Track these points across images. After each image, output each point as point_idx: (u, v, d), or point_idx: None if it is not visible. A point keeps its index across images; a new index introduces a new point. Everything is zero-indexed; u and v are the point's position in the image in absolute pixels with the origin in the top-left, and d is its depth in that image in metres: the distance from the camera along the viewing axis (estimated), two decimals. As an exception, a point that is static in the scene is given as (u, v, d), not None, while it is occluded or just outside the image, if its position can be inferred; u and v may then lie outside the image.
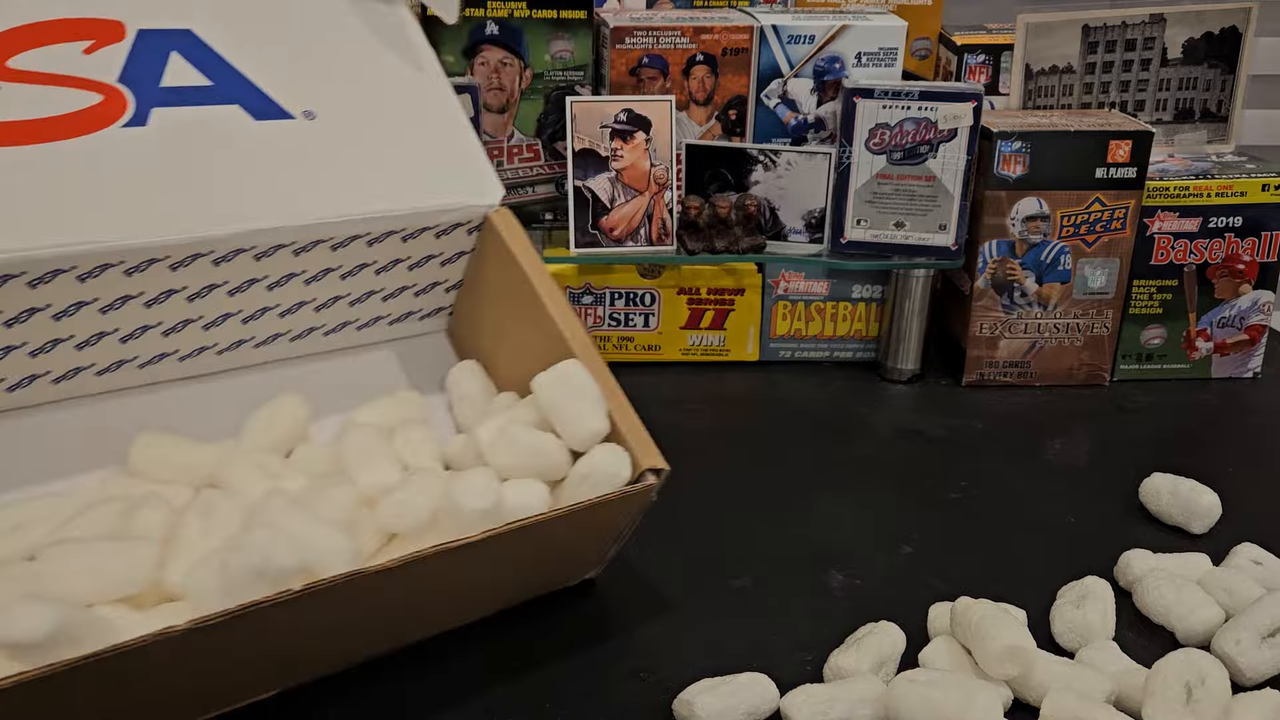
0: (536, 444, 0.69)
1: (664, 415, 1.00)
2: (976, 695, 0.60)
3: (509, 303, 0.78)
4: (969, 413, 1.02)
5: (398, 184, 0.76)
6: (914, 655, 0.68)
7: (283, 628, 0.59)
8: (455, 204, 0.77)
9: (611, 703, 0.65)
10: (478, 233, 0.80)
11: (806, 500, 0.87)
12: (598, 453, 0.68)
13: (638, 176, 1.03)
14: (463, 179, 0.78)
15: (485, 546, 0.62)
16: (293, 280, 0.75)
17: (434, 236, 0.78)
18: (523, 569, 0.70)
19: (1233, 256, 1.05)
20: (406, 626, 0.68)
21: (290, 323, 0.78)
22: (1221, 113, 1.11)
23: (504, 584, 0.71)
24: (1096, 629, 0.70)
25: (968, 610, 0.67)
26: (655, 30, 1.03)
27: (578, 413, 0.69)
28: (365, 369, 0.82)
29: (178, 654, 0.54)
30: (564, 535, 0.67)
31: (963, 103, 0.99)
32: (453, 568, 0.62)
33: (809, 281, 1.08)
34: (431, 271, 0.81)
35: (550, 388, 0.71)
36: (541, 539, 0.66)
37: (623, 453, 0.68)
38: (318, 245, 0.74)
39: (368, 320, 0.81)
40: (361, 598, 0.60)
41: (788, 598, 0.75)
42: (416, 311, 0.84)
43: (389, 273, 0.79)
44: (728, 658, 0.69)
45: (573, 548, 0.72)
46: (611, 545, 0.74)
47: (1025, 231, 1.02)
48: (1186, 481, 0.85)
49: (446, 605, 0.69)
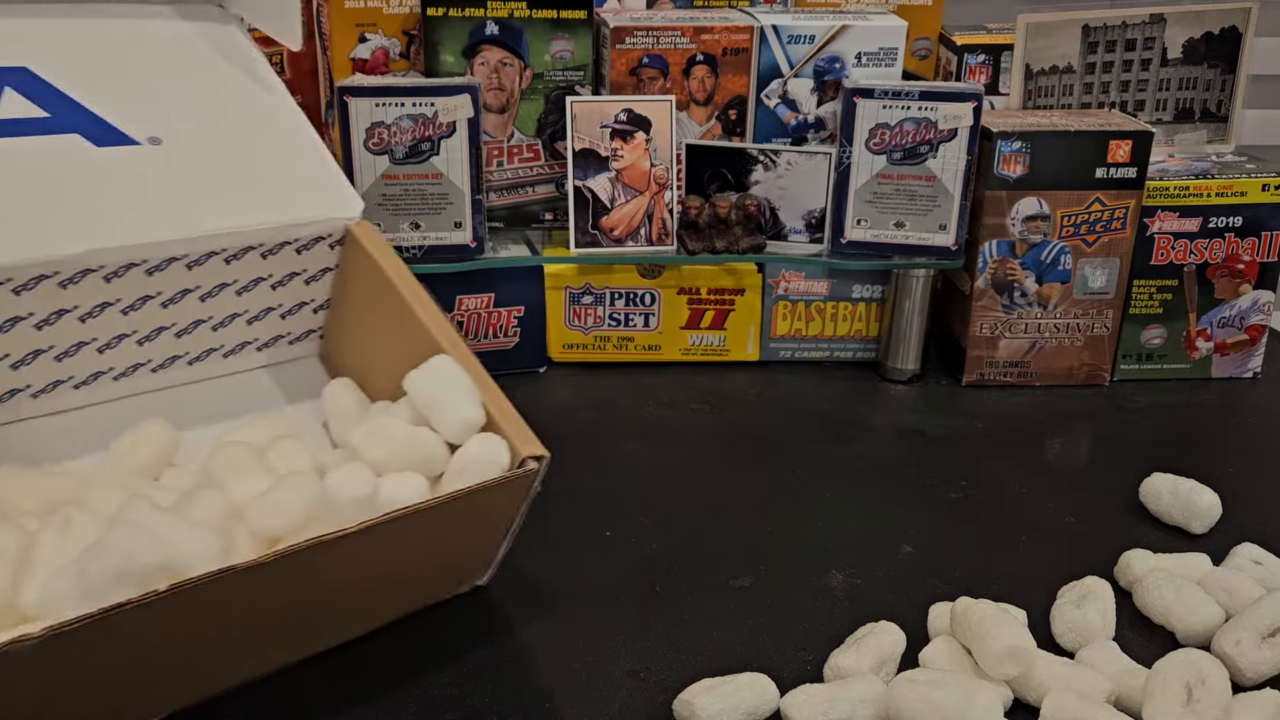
0: (411, 436, 0.67)
1: (664, 415, 1.00)
2: (977, 695, 0.60)
3: (378, 313, 0.77)
4: (969, 413, 1.02)
5: (252, 201, 0.75)
6: (914, 655, 0.68)
7: (154, 636, 0.55)
8: (313, 217, 0.76)
9: (610, 703, 0.65)
10: (340, 248, 0.79)
11: (806, 500, 0.87)
12: (474, 443, 0.67)
13: (638, 176, 1.03)
14: (319, 194, 0.78)
15: (364, 539, 0.59)
16: (149, 304, 0.73)
17: (295, 252, 0.77)
18: (407, 568, 0.67)
19: (1233, 256, 1.05)
20: (299, 635, 0.65)
21: (150, 351, 0.76)
22: (1221, 113, 1.11)
23: (388, 586, 0.68)
24: (1096, 629, 0.70)
25: (968, 610, 0.67)
26: (655, 30, 1.03)
27: (451, 404, 0.68)
28: (235, 395, 0.80)
29: (35, 669, 0.51)
30: (447, 528, 0.65)
31: (963, 103, 0.99)
32: (333, 564, 0.60)
33: (809, 281, 1.08)
34: (296, 290, 0.79)
35: (422, 383, 0.70)
36: (424, 532, 0.63)
37: (500, 441, 0.67)
38: (172, 264, 0.72)
39: (234, 347, 0.80)
40: (236, 599, 0.57)
41: (788, 598, 0.75)
42: (285, 335, 0.82)
43: (251, 293, 0.77)
44: (728, 658, 0.69)
45: (458, 542, 0.70)
46: (500, 542, 0.71)
47: (1025, 231, 1.02)
48: (1186, 481, 0.85)
49: (337, 609, 0.66)
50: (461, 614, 0.72)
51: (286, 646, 0.66)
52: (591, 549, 0.80)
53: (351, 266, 0.79)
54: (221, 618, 0.58)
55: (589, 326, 1.08)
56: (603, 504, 0.85)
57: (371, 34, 1.05)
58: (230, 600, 0.57)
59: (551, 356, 1.09)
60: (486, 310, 1.05)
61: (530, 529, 0.82)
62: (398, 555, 0.65)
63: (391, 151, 0.97)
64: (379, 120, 0.96)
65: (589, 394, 1.04)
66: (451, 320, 1.03)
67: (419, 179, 0.98)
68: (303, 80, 1.14)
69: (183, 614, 0.55)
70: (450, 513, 0.63)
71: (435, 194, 0.99)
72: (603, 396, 1.04)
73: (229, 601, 0.57)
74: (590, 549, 0.80)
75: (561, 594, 0.75)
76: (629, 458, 0.93)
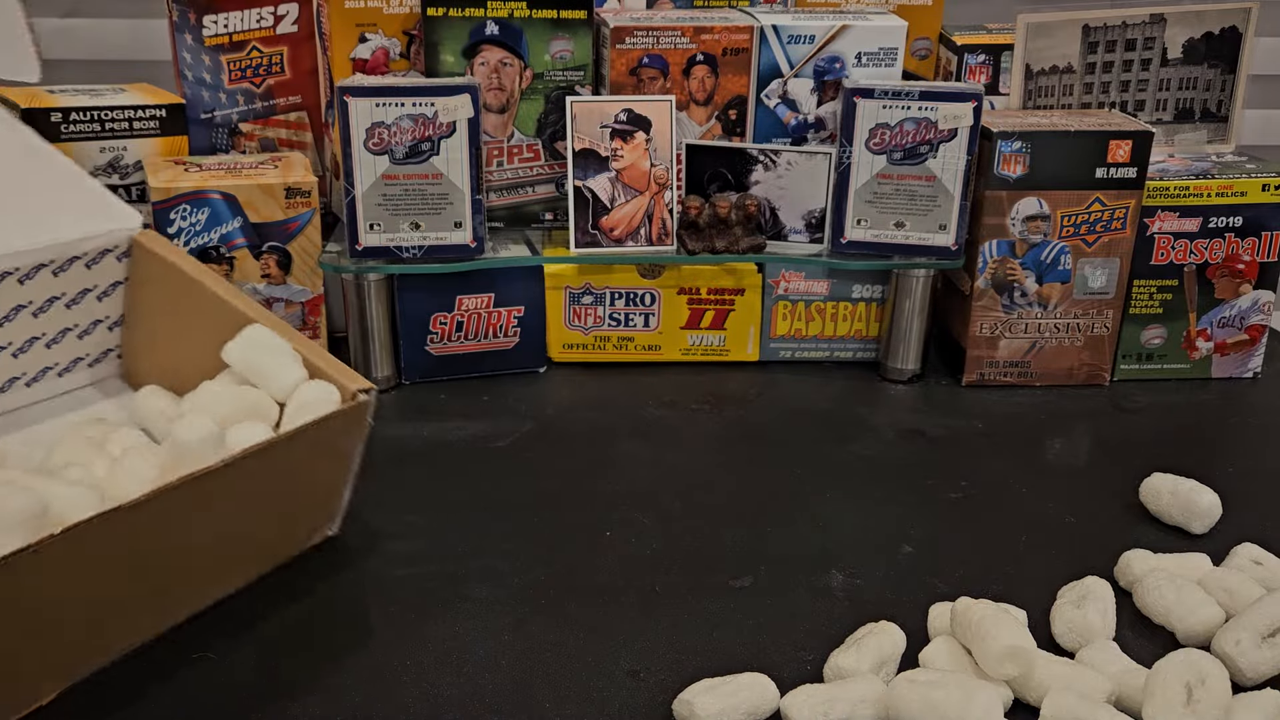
0: (240, 393, 0.71)
1: (664, 415, 1.00)
2: (976, 695, 0.60)
3: (182, 313, 0.79)
4: (969, 413, 1.02)
5: (34, 225, 0.76)
6: (914, 655, 0.68)
7: (46, 589, 0.57)
8: (96, 230, 0.78)
9: (610, 703, 0.65)
10: (128, 260, 0.81)
11: (806, 500, 0.87)
12: (305, 388, 0.71)
13: (638, 176, 1.03)
14: (96, 212, 0.80)
15: (228, 474, 0.62)
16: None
17: (85, 267, 0.78)
18: (264, 511, 0.70)
19: (1233, 256, 1.05)
20: (176, 588, 0.67)
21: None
22: (1221, 113, 1.11)
23: (249, 532, 0.70)
24: (1097, 629, 0.70)
25: (968, 610, 0.67)
26: (655, 30, 1.03)
27: (275, 368, 0.71)
28: (46, 418, 0.82)
29: None
30: (298, 464, 0.69)
31: (963, 103, 0.99)
32: (204, 500, 0.62)
33: (809, 281, 1.08)
34: (90, 308, 0.81)
35: (241, 352, 0.72)
36: (276, 470, 0.66)
37: (329, 384, 0.71)
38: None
39: (36, 374, 0.81)
40: (112, 550, 0.58)
41: (788, 598, 0.75)
42: (84, 357, 0.84)
43: (46, 314, 0.78)
44: (727, 658, 0.69)
45: (310, 478, 0.73)
46: (344, 483, 0.75)
47: (1025, 231, 1.02)
48: (1186, 481, 0.85)
49: (217, 552, 0.68)
50: (462, 613, 0.72)
51: (169, 598, 0.67)
52: (591, 549, 0.80)
53: (143, 273, 0.81)
54: (101, 573, 0.60)
55: (589, 326, 1.08)
56: (603, 504, 0.85)
57: (372, 34, 1.05)
58: (115, 549, 0.59)
59: (551, 356, 1.09)
60: (486, 310, 1.05)
61: (531, 529, 0.82)
62: (259, 493, 0.67)
63: (391, 151, 0.97)
64: (379, 120, 0.96)
65: (589, 394, 1.04)
66: (451, 320, 1.04)
67: (419, 179, 0.98)
68: (303, 80, 1.14)
69: (69, 563, 0.57)
70: (301, 446, 0.67)
71: (435, 194, 0.99)
72: (603, 396, 1.04)
73: (108, 556, 0.59)
74: (590, 549, 0.80)
75: (562, 594, 0.75)
76: (629, 458, 0.93)
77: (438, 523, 0.83)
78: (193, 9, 1.09)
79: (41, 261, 0.76)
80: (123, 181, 1.05)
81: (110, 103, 1.03)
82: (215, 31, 1.10)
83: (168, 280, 0.81)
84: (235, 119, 1.13)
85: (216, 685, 0.66)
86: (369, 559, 0.78)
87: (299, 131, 1.16)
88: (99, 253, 0.79)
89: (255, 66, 1.12)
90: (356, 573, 0.77)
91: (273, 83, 1.13)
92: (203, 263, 0.95)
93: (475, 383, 1.05)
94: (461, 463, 0.91)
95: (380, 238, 1.00)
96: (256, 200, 1.00)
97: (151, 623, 0.67)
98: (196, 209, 0.98)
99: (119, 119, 1.03)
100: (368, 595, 0.74)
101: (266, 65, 1.12)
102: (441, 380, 1.05)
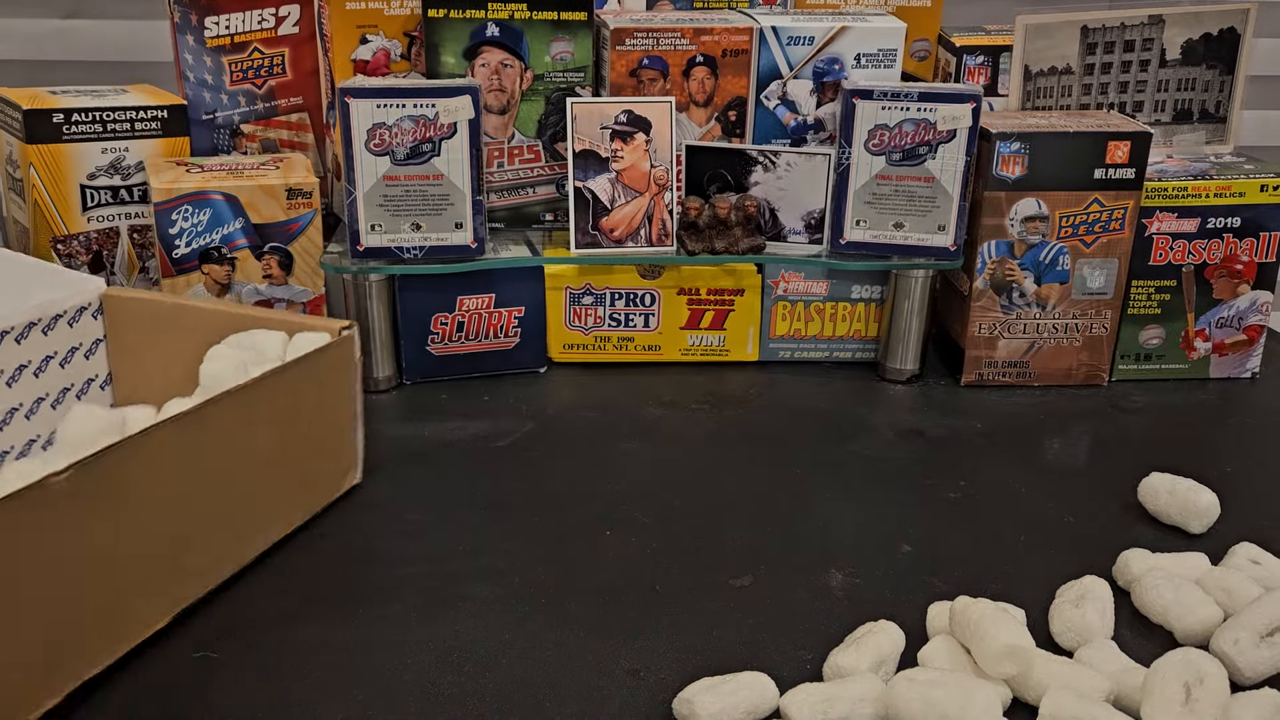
0: (247, 356, 0.77)
1: (664, 415, 1.00)
2: (975, 694, 0.60)
3: (166, 336, 0.86)
4: (968, 413, 1.02)
5: (13, 294, 0.83)
6: (913, 654, 0.69)
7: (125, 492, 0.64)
8: (66, 293, 0.85)
9: (610, 702, 0.66)
10: (102, 316, 0.87)
11: (806, 500, 0.87)
12: (297, 338, 0.80)
13: (638, 177, 1.03)
14: (62, 281, 0.86)
15: (252, 393, 0.72)
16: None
17: (68, 325, 0.85)
18: (292, 434, 0.78)
19: (1231, 257, 1.05)
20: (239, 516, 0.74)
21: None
22: (1220, 113, 1.12)
23: (285, 460, 0.78)
24: (1095, 628, 0.70)
25: (967, 609, 0.68)
26: (655, 32, 1.04)
27: (263, 340, 0.79)
28: None
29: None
30: (306, 391, 0.78)
31: (961, 104, 0.99)
32: (238, 418, 0.72)
33: (808, 282, 1.08)
34: (80, 367, 0.87)
35: (225, 348, 0.79)
36: (291, 391, 0.76)
37: (317, 332, 0.80)
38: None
39: (49, 436, 0.85)
40: (182, 456, 0.67)
41: (788, 597, 0.75)
42: None
43: (45, 373, 0.84)
44: (727, 657, 0.69)
45: (319, 409, 0.80)
46: (352, 424, 0.84)
47: (1024, 232, 1.03)
48: (1185, 481, 0.85)
49: (258, 487, 0.76)
50: (462, 612, 0.73)
51: (236, 524, 0.74)
52: (592, 548, 0.80)
53: (121, 321, 0.88)
54: (182, 477, 0.68)
55: (589, 327, 1.08)
56: (603, 503, 0.86)
57: (373, 35, 1.05)
58: (184, 454, 0.68)
59: (552, 357, 1.09)
60: (487, 310, 1.05)
61: (531, 528, 0.82)
62: (282, 413, 0.76)
63: (393, 152, 0.98)
64: (380, 121, 0.97)
65: (589, 394, 1.04)
66: (452, 321, 1.04)
67: (420, 180, 0.99)
68: (304, 82, 1.14)
69: (151, 465, 0.65)
70: (305, 373, 0.77)
71: (436, 195, 0.99)
72: (603, 396, 1.04)
73: (184, 457, 0.68)
74: (590, 548, 0.80)
75: (562, 593, 0.75)
76: (629, 457, 0.93)
77: (438, 522, 0.83)
78: (194, 10, 1.09)
79: (32, 320, 0.82)
80: (124, 182, 1.05)
81: (112, 104, 1.03)
82: (217, 33, 1.10)
83: (147, 314, 0.87)
84: (237, 120, 1.13)
85: (216, 685, 0.66)
86: (369, 558, 0.79)
87: (300, 132, 1.16)
88: (77, 310, 0.85)
89: (257, 68, 1.12)
90: (356, 572, 0.77)
91: (274, 84, 1.13)
92: (204, 263, 0.98)
93: (476, 383, 1.06)
94: (462, 462, 0.91)
95: (381, 238, 1.00)
96: (258, 201, 1.00)
97: (227, 550, 0.74)
98: (198, 210, 0.99)
99: (121, 120, 1.04)
100: (368, 594, 0.74)
101: (268, 66, 1.13)
102: (442, 380, 1.06)
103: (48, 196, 1.02)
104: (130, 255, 1.07)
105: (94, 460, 0.61)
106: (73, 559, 0.62)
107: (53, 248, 1.04)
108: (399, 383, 1.05)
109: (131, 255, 1.07)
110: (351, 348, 0.81)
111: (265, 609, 0.72)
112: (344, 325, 0.81)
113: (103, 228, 1.05)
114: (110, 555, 0.64)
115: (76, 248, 1.05)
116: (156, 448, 0.66)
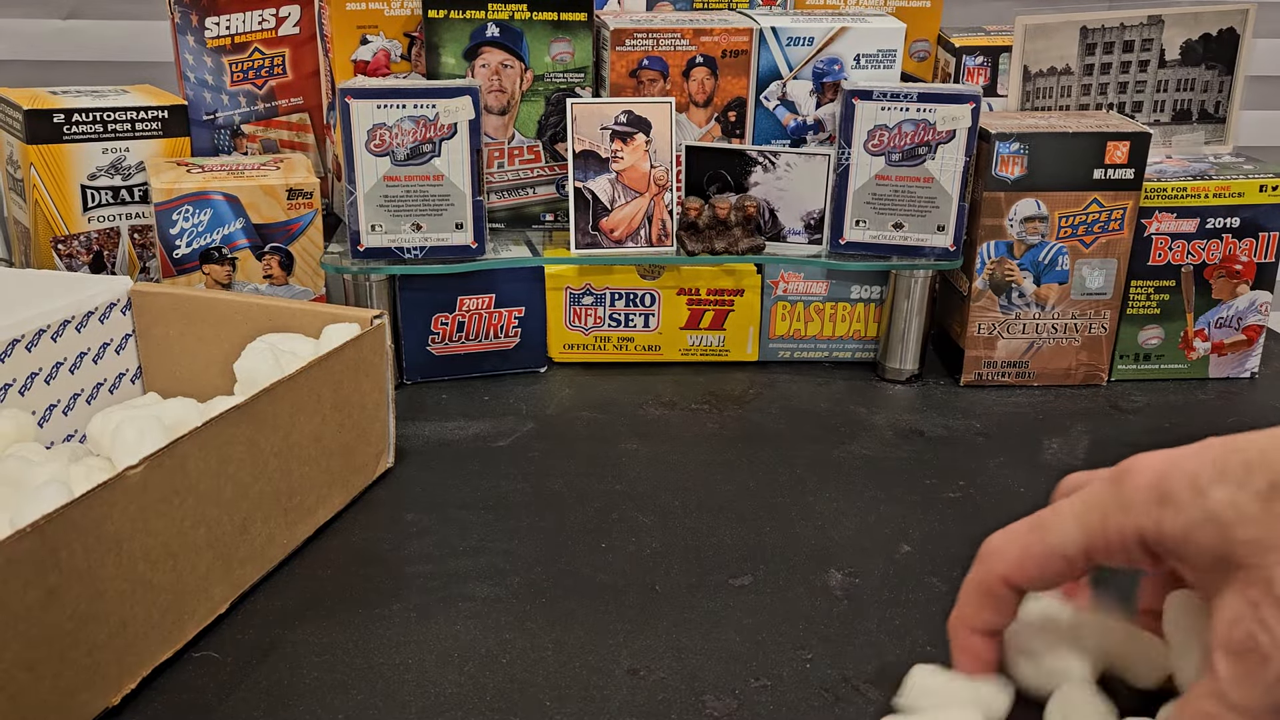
0: (283, 354, 0.80)
1: (664, 415, 1.00)
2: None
3: (196, 330, 0.89)
4: (968, 413, 1.02)
5: (45, 297, 0.85)
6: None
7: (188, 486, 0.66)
8: (97, 289, 0.87)
9: (610, 702, 0.66)
10: (130, 312, 0.89)
11: (806, 500, 0.88)
12: (329, 330, 0.83)
13: (638, 178, 1.03)
14: (86, 284, 0.88)
15: (297, 385, 0.75)
16: (7, 392, 0.80)
17: (99, 321, 0.86)
18: (332, 420, 0.80)
19: (1230, 257, 1.05)
20: (290, 499, 0.77)
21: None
22: (1219, 114, 1.12)
23: (327, 444, 0.80)
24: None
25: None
26: (655, 32, 1.04)
27: (292, 341, 0.82)
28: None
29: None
30: (345, 377, 0.81)
31: (961, 104, 1.00)
32: (286, 408, 0.75)
33: (808, 282, 1.09)
34: (111, 363, 0.88)
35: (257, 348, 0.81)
36: (332, 379, 0.79)
37: (348, 323, 0.83)
38: (14, 347, 0.80)
39: (85, 431, 0.86)
40: (236, 447, 0.70)
41: (787, 597, 0.76)
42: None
43: (80, 370, 0.86)
44: (727, 657, 0.69)
45: (357, 394, 0.83)
46: (385, 408, 0.87)
47: (1023, 232, 1.03)
48: (1184, 481, 0.85)
49: (304, 469, 0.78)
50: (463, 612, 0.73)
51: (289, 508, 0.77)
52: (591, 548, 0.80)
53: (150, 316, 0.90)
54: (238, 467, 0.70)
55: (589, 327, 1.08)
56: (603, 503, 0.86)
57: (373, 36, 1.05)
58: (238, 447, 0.70)
59: (552, 357, 1.09)
60: (487, 311, 1.05)
61: (531, 527, 0.82)
62: (324, 399, 0.79)
63: (393, 153, 0.98)
64: (380, 122, 0.97)
65: (589, 394, 1.05)
66: (453, 321, 1.04)
67: (420, 180, 0.99)
68: (304, 82, 1.15)
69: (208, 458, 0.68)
70: (344, 362, 0.80)
71: (436, 195, 0.99)
72: (603, 396, 1.04)
73: (238, 448, 0.70)
74: (590, 548, 0.80)
75: (561, 593, 0.75)
76: (629, 458, 0.93)
77: (439, 521, 0.83)
78: (195, 11, 1.10)
79: (65, 318, 0.84)
80: (125, 183, 1.05)
81: (113, 104, 1.03)
82: (217, 33, 1.11)
83: (177, 308, 0.89)
84: (237, 120, 1.13)
85: (215, 685, 0.66)
86: (369, 558, 0.79)
87: (301, 133, 1.17)
88: (106, 306, 0.87)
89: (257, 68, 1.13)
90: (356, 572, 0.77)
91: (274, 84, 1.14)
92: (204, 263, 0.99)
93: (476, 383, 1.06)
94: (462, 462, 0.92)
95: (382, 239, 1.00)
96: (259, 201, 1.00)
97: (280, 535, 0.76)
98: (199, 210, 0.99)
99: (121, 120, 1.04)
100: (368, 594, 0.75)
101: (268, 67, 1.13)
102: (443, 380, 1.06)
103: (48, 197, 1.03)
104: (131, 255, 1.07)
105: (164, 453, 0.64)
106: (143, 547, 0.64)
107: (53, 248, 1.04)
108: (399, 383, 1.05)
109: (132, 255, 1.07)
110: (383, 336, 0.85)
111: (265, 609, 0.73)
112: (375, 314, 0.84)
113: (103, 228, 1.05)
114: (178, 542, 0.66)
115: (77, 248, 1.05)
116: (218, 440, 0.69)
